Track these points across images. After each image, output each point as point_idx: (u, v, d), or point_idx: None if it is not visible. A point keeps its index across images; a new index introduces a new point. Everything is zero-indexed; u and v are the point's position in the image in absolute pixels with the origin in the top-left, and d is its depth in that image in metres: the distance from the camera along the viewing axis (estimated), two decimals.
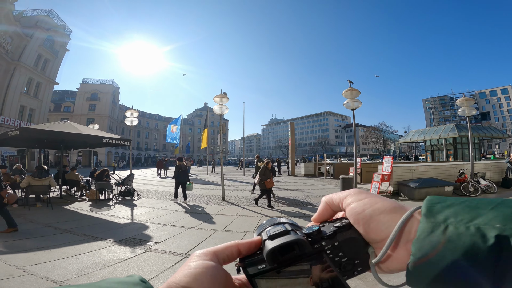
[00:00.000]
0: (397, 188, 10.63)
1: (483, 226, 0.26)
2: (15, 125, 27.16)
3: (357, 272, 0.35)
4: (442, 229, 0.28)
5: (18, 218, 6.65)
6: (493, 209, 0.28)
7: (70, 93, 56.98)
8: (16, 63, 28.80)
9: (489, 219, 0.27)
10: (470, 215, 0.28)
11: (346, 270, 0.35)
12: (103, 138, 9.87)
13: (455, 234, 0.27)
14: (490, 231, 0.26)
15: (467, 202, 0.30)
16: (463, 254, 0.26)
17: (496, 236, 0.25)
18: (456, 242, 0.27)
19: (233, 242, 0.35)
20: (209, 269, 0.30)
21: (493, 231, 0.26)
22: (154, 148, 73.78)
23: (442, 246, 0.27)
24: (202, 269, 0.30)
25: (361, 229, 0.34)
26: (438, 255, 0.27)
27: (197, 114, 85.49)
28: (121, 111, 59.30)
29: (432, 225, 0.29)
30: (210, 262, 0.31)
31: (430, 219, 0.29)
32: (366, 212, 0.34)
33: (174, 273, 0.31)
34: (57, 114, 47.96)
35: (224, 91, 10.66)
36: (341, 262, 0.34)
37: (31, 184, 8.02)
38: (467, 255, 0.26)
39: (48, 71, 34.21)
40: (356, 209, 0.34)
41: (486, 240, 0.25)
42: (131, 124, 13.67)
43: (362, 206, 0.34)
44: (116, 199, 9.86)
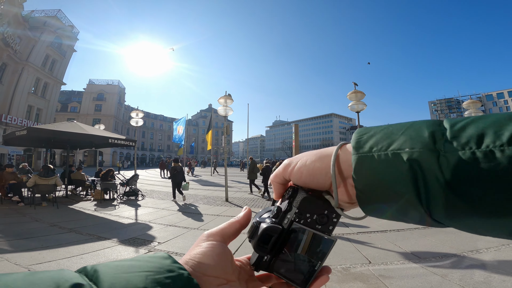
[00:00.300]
0: None
1: (397, 151, 0.29)
2: (22, 124, 27.50)
3: (335, 219, 0.37)
4: (369, 159, 0.30)
5: (24, 217, 6.75)
6: (403, 134, 0.30)
7: (76, 93, 57.63)
8: (24, 63, 29.17)
9: (401, 143, 0.29)
10: (387, 142, 0.30)
11: (324, 224, 0.37)
12: (108, 139, 9.95)
13: (380, 162, 0.30)
14: (404, 155, 0.28)
15: (385, 129, 0.32)
16: (391, 180, 0.29)
17: (408, 159, 0.28)
18: (382, 169, 0.29)
19: (234, 220, 0.40)
20: (217, 248, 0.35)
21: (405, 155, 0.28)
22: (159, 149, 74.17)
23: (373, 174, 0.30)
24: (211, 247, 0.35)
25: (307, 187, 0.37)
26: (371, 183, 0.30)
27: (201, 115, 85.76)
28: (127, 112, 59.79)
29: (361, 156, 0.31)
30: (218, 242, 0.36)
31: (358, 150, 0.32)
32: (302, 170, 0.37)
33: (188, 251, 0.36)
34: (64, 114, 48.52)
35: (228, 93, 10.70)
36: (314, 220, 0.37)
37: (37, 183, 8.11)
38: (393, 180, 0.29)
39: (55, 72, 34.62)
40: (294, 174, 0.37)
41: (402, 164, 0.28)
42: (136, 124, 13.77)
43: (298, 169, 0.37)
44: (121, 199, 9.93)
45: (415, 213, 0.29)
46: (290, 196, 0.38)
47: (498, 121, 0.26)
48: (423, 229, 5.88)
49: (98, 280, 0.27)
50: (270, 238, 0.36)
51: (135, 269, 0.29)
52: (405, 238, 5.23)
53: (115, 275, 0.27)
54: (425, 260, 4.10)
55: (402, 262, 4.06)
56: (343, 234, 5.49)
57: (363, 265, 3.94)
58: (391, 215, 0.32)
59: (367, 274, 3.65)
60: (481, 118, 0.28)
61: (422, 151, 0.28)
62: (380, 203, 0.31)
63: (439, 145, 0.27)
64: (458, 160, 0.26)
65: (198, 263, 0.33)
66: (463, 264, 3.97)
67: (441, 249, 4.56)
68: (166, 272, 0.29)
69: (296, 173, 0.37)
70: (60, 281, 0.25)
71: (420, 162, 0.27)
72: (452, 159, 0.26)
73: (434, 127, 0.29)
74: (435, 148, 0.27)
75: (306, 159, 0.37)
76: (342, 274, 3.66)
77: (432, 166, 0.27)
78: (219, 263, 0.34)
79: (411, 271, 3.73)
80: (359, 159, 0.31)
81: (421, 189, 0.27)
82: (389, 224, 6.40)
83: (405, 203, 0.29)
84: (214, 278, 0.33)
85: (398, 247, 4.70)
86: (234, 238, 0.39)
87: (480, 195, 0.25)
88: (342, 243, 4.97)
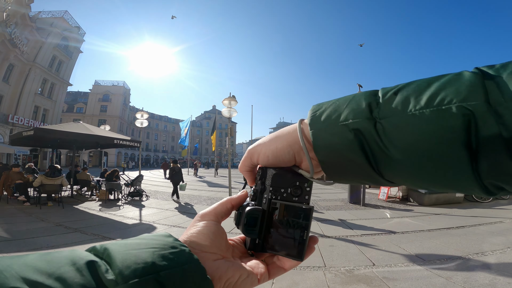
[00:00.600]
0: (407, 193, 10.49)
1: (344, 123, 0.32)
2: (29, 125, 27.77)
3: (308, 188, 0.40)
4: (323, 132, 0.34)
5: (29, 216, 6.83)
6: (347, 107, 0.33)
7: (82, 94, 58.12)
8: (32, 64, 29.45)
9: (346, 115, 0.33)
10: (335, 116, 0.33)
11: (299, 195, 0.39)
12: (114, 139, 10.04)
13: (332, 134, 0.33)
14: (349, 126, 0.32)
15: (333, 104, 0.35)
16: (343, 149, 0.32)
17: (352, 129, 0.31)
18: (335, 140, 0.33)
19: (226, 199, 0.42)
20: (212, 226, 0.38)
21: (350, 126, 0.32)
22: (163, 150, 74.46)
23: (328, 145, 0.33)
24: (206, 226, 0.38)
25: (275, 165, 0.39)
26: (329, 154, 0.34)
27: (205, 116, 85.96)
28: (132, 113, 60.13)
29: (316, 131, 0.34)
30: (212, 221, 0.39)
31: (314, 126, 0.35)
32: (267, 154, 0.39)
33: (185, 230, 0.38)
34: (70, 114, 48.95)
35: (232, 94, 10.73)
36: (289, 194, 0.39)
37: (43, 183, 8.20)
38: (345, 148, 0.32)
39: (62, 73, 34.95)
40: (261, 159, 0.40)
41: (349, 134, 0.32)
42: (141, 125, 13.86)
43: (263, 154, 0.40)
44: (125, 199, 9.99)
45: (370, 175, 0.33)
46: (261, 176, 0.41)
47: (418, 87, 0.30)
48: (428, 231, 5.84)
49: (110, 257, 0.29)
50: (255, 220, 0.38)
51: (142, 246, 0.31)
52: (409, 240, 5.20)
53: (125, 252, 0.29)
54: (429, 263, 4.07)
55: (407, 264, 4.04)
56: (347, 236, 5.48)
57: (367, 267, 3.93)
58: (353, 180, 0.36)
59: (371, 276, 3.64)
60: (406, 85, 0.31)
61: (361, 120, 0.31)
62: (341, 170, 0.34)
63: (375, 114, 0.31)
64: (390, 125, 0.29)
65: (195, 241, 0.36)
66: (468, 266, 3.94)
67: (446, 252, 4.53)
68: (170, 248, 0.31)
69: (263, 158, 0.40)
70: (75, 259, 0.27)
71: (361, 130, 0.31)
72: (386, 125, 0.30)
73: (370, 98, 0.32)
74: (372, 117, 0.31)
75: (268, 143, 0.40)
76: (345, 276, 3.66)
77: (371, 132, 0.30)
78: (214, 240, 0.37)
79: (415, 273, 3.71)
80: (314, 133, 0.35)
81: (369, 153, 0.31)
82: (393, 226, 6.37)
83: (360, 167, 0.32)
84: (211, 254, 0.36)
85: (402, 249, 4.68)
86: (227, 217, 0.42)
87: (409, 154, 0.29)
88: (346, 245, 4.96)
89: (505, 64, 0.28)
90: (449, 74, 0.29)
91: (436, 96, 0.28)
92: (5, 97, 27.27)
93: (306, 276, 3.67)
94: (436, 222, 6.70)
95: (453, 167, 0.27)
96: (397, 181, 0.32)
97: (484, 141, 0.25)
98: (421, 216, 7.65)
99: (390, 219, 7.26)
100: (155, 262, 0.29)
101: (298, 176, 0.39)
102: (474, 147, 0.26)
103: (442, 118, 0.27)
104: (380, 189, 10.96)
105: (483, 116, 0.25)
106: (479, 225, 6.36)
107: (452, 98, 0.27)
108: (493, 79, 0.26)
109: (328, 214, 7.85)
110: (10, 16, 24.79)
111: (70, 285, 0.24)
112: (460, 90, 0.27)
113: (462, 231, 5.88)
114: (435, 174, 0.29)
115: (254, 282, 0.37)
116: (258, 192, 0.41)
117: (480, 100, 0.25)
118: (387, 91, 0.32)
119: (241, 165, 0.44)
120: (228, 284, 0.35)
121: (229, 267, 0.35)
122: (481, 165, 0.26)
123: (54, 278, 0.24)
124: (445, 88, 0.28)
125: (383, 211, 8.47)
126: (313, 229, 5.89)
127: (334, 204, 9.53)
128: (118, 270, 0.27)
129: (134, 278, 0.27)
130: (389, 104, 0.31)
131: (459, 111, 0.26)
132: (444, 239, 5.19)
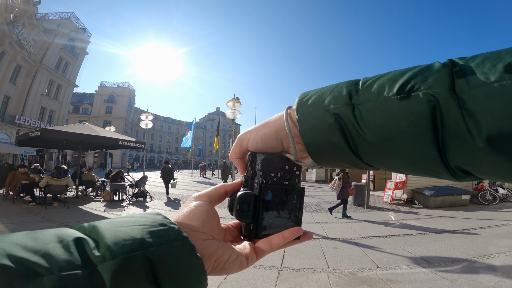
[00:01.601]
0: (412, 195, 10.41)
1: (326, 109, 0.35)
2: (35, 126, 28.02)
3: (297, 171, 0.41)
4: (308, 117, 0.36)
5: (35, 216, 6.90)
6: (330, 94, 0.35)
7: (88, 95, 58.71)
8: (38, 65, 29.73)
9: (328, 102, 0.35)
10: (319, 102, 0.36)
11: (289, 178, 0.40)
12: (119, 140, 10.10)
13: (316, 118, 0.35)
14: (330, 111, 0.34)
15: (318, 92, 0.37)
16: (325, 132, 0.35)
17: (333, 114, 0.34)
18: (318, 125, 0.35)
19: (220, 185, 0.43)
20: (204, 207, 0.39)
21: (331, 111, 0.34)
22: (167, 151, 74.77)
23: (312, 129, 0.36)
24: (199, 207, 0.38)
25: (264, 151, 0.41)
26: (312, 137, 0.36)
27: (209, 118, 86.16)
28: (136, 114, 60.47)
29: (302, 116, 0.37)
30: (205, 202, 0.39)
31: (300, 111, 0.37)
32: (256, 140, 0.41)
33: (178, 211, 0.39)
34: (76, 115, 49.45)
35: (236, 96, 10.77)
36: (280, 178, 0.40)
37: (49, 183, 8.27)
38: (327, 132, 0.34)
39: (68, 74, 35.27)
40: (251, 145, 0.42)
41: (330, 118, 0.34)
42: (145, 127, 13.96)
43: (252, 140, 0.41)
44: (130, 200, 10.05)
45: (350, 158, 0.35)
46: (251, 162, 0.42)
47: (394, 76, 0.32)
48: (433, 234, 5.79)
49: (98, 234, 0.29)
50: (247, 205, 0.39)
51: (131, 224, 0.31)
52: (414, 243, 5.16)
53: (113, 229, 0.30)
54: (434, 265, 4.04)
55: (411, 266, 4.01)
56: (350, 238, 5.45)
57: (370, 270, 3.91)
58: (336, 162, 0.38)
59: (375, 279, 3.62)
60: (383, 75, 0.33)
61: (341, 106, 0.33)
62: (324, 153, 0.36)
63: (354, 100, 0.33)
64: (365, 110, 0.32)
65: (186, 221, 0.37)
66: (473, 269, 3.90)
67: (451, 254, 4.49)
68: (159, 226, 0.31)
69: (252, 143, 0.41)
70: (63, 236, 0.28)
71: (341, 115, 0.33)
72: (362, 110, 0.32)
73: (351, 87, 0.34)
74: (351, 103, 0.33)
75: (257, 129, 0.41)
76: (349, 278, 3.64)
77: (349, 117, 0.33)
78: (206, 220, 0.38)
79: (419, 276, 3.68)
80: (300, 118, 0.37)
81: (348, 137, 0.33)
82: (398, 229, 6.33)
83: (341, 150, 0.35)
84: (202, 234, 0.36)
85: (407, 251, 4.64)
86: (220, 201, 0.43)
87: (382, 137, 0.31)
88: (350, 247, 4.93)
89: (475, 56, 0.29)
90: (422, 65, 0.31)
91: (407, 84, 0.30)
92: (12, 98, 27.58)
93: (309, 278, 3.67)
94: (442, 225, 6.64)
95: (421, 150, 0.29)
96: (374, 164, 0.35)
97: (448, 126, 0.27)
98: (426, 218, 7.59)
99: (395, 221, 7.22)
100: (144, 238, 0.29)
101: (287, 161, 0.40)
102: (439, 132, 0.28)
103: (410, 104, 0.29)
104: (385, 192, 10.88)
105: (446, 102, 0.27)
106: (485, 228, 6.29)
107: (420, 85, 0.29)
108: (461, 68, 0.28)
109: (332, 216, 7.82)
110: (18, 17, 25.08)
111: (56, 262, 0.24)
112: (428, 78, 0.29)
113: (467, 233, 5.83)
114: (405, 157, 0.31)
115: (243, 263, 0.38)
116: (249, 178, 0.42)
117: (444, 88, 0.27)
118: (366, 80, 0.34)
119: (231, 153, 0.45)
120: (218, 263, 0.35)
121: (219, 247, 0.36)
122: (446, 149, 0.28)
123: (40, 254, 0.24)
124: (416, 77, 0.30)
125: (387, 213, 8.41)
126: (317, 231, 5.88)
127: (338, 207, 9.47)
128: (106, 247, 0.27)
129: (122, 255, 0.27)
130: (366, 91, 0.33)
131: (425, 97, 0.28)
132: (450, 242, 5.14)
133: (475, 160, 0.27)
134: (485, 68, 0.27)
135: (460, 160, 0.28)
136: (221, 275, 0.37)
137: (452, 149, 0.27)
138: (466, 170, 0.29)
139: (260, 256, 0.40)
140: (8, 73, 26.10)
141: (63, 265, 0.24)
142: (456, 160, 0.28)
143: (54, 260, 0.24)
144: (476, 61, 0.28)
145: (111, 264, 0.26)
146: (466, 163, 0.28)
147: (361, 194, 9.62)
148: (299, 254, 4.46)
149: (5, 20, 23.14)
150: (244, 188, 0.42)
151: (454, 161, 0.28)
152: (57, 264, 0.24)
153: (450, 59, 0.30)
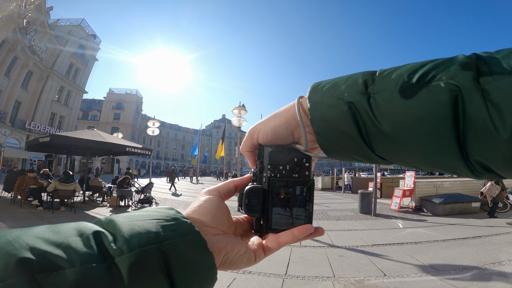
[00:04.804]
0: (420, 203, 10.24)
1: (339, 97, 0.34)
2: (45, 131, 28.49)
3: (307, 163, 0.40)
4: (320, 105, 0.35)
5: (42, 220, 6.97)
6: (344, 83, 0.35)
7: (97, 101, 59.65)
8: (49, 71, 30.30)
9: (342, 90, 0.34)
10: (333, 91, 0.35)
11: (299, 171, 0.40)
12: (126, 147, 10.20)
13: (328, 106, 0.35)
14: (344, 99, 0.33)
15: (332, 81, 0.37)
16: (336, 120, 0.34)
17: (346, 102, 0.33)
18: (330, 112, 0.34)
19: (230, 181, 0.44)
20: (214, 201, 0.39)
21: (345, 98, 0.33)
22: (173, 158, 75.16)
23: (324, 117, 0.35)
24: (208, 201, 0.39)
25: (274, 142, 0.41)
26: (324, 125, 0.35)
27: (215, 126, 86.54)
28: (143, 121, 61.13)
29: (314, 103, 0.36)
30: (215, 196, 0.40)
31: (312, 99, 0.36)
32: (266, 131, 0.40)
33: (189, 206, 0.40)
34: (85, 122, 50.21)
35: (242, 103, 10.82)
36: (289, 170, 0.39)
37: (57, 188, 8.37)
38: (339, 120, 0.34)
39: (78, 80, 35.94)
40: (261, 137, 0.41)
41: (343, 106, 0.33)
42: (152, 134, 14.08)
43: (263, 131, 0.41)
44: (135, 206, 10.09)
45: (362, 149, 0.34)
46: (259, 155, 0.41)
47: (413, 67, 0.31)
48: (443, 241, 5.67)
49: (115, 227, 0.30)
50: (256, 199, 0.39)
51: (146, 218, 0.32)
52: (422, 250, 5.06)
53: (130, 223, 0.31)
54: (443, 273, 3.95)
55: (419, 274, 3.92)
56: (357, 246, 5.37)
57: (377, 278, 3.83)
58: (347, 154, 0.37)
59: (381, 287, 3.55)
60: (402, 66, 0.33)
61: (356, 94, 0.33)
62: (335, 143, 0.36)
63: (370, 89, 0.32)
64: (382, 99, 0.31)
65: (197, 215, 0.37)
66: (484, 276, 3.80)
67: (461, 262, 4.38)
68: (172, 220, 0.32)
69: (263, 135, 0.41)
70: (82, 229, 0.28)
71: (355, 103, 0.33)
72: (378, 99, 0.31)
73: (367, 76, 0.34)
74: (366, 92, 0.33)
75: (267, 121, 0.41)
76: (355, 287, 3.58)
77: (364, 105, 0.32)
78: (216, 214, 0.38)
79: (428, 284, 3.59)
80: (312, 106, 0.36)
81: (361, 126, 0.32)
82: (406, 236, 6.22)
83: (353, 140, 0.34)
84: (212, 229, 0.37)
85: (415, 259, 4.55)
86: (230, 197, 0.43)
87: (398, 128, 0.30)
88: (356, 255, 4.85)
89: (500, 50, 0.29)
90: (445, 58, 0.31)
91: (428, 74, 0.29)
92: (23, 103, 28.19)
93: (314, 287, 3.61)
94: (451, 232, 6.50)
95: (439, 142, 0.28)
96: (387, 157, 0.34)
97: (470, 117, 0.26)
98: (435, 226, 7.45)
99: (403, 229, 7.09)
100: (158, 232, 0.30)
101: (295, 152, 0.39)
102: (461, 123, 0.27)
103: (430, 93, 0.28)
104: (392, 199, 10.73)
105: (469, 92, 0.26)
106: (496, 235, 6.14)
107: (442, 75, 0.28)
108: (486, 61, 0.28)
109: (338, 224, 7.73)
110: (30, 23, 25.73)
111: (77, 255, 0.25)
112: (450, 69, 0.28)
113: (478, 241, 5.69)
114: (421, 149, 0.30)
115: (251, 259, 0.38)
116: (258, 172, 0.41)
117: (467, 78, 0.27)
118: (384, 71, 0.34)
119: (242, 146, 0.45)
120: (226, 258, 0.36)
121: (228, 241, 0.36)
122: (467, 141, 0.27)
123: (62, 248, 0.25)
124: (437, 67, 0.29)
125: (395, 221, 8.28)
126: (322, 239, 5.80)
127: (344, 214, 9.38)
128: (123, 240, 0.28)
129: (139, 248, 0.28)
130: (383, 81, 0.32)
131: (447, 87, 0.27)
132: (459, 249, 5.03)
133: (498, 154, 0.26)
134: (510, 60, 0.27)
135: (482, 153, 0.27)
136: (229, 270, 0.36)
137: (473, 141, 0.27)
138: (487, 166, 0.28)
139: (268, 253, 0.40)
140: (20, 78, 26.73)
141: (83, 258, 0.25)
142: (477, 154, 0.27)
143: (75, 253, 0.25)
144: (501, 54, 0.28)
145: (128, 257, 0.27)
146: (488, 157, 0.27)
147: (368, 201, 9.50)
148: (304, 262, 4.41)
149: (18, 26, 23.77)
150: (253, 183, 0.41)
151: (475, 155, 0.27)
152: (78, 257, 0.25)
153: (475, 53, 0.30)
